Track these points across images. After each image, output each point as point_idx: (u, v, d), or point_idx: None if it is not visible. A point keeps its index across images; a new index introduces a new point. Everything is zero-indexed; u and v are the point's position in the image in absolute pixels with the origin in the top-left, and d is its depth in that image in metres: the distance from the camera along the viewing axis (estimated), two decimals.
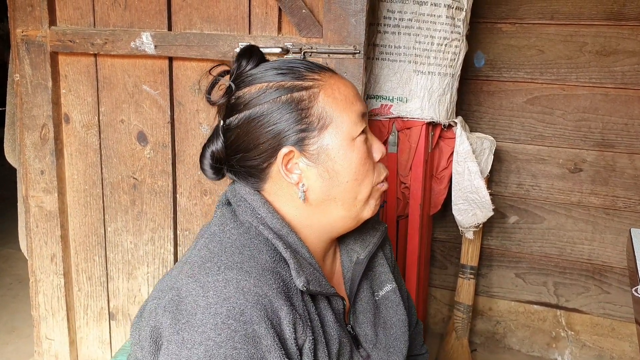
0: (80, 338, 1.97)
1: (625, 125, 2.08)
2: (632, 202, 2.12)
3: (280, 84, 0.87)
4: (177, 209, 1.77)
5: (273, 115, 0.86)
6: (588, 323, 2.28)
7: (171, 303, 0.79)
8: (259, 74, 0.88)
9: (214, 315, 0.75)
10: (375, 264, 1.05)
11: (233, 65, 0.91)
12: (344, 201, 0.90)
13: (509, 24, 2.14)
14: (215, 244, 0.85)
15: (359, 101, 0.91)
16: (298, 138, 0.86)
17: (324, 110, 0.87)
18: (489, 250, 2.36)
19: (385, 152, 0.94)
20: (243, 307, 0.76)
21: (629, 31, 2.00)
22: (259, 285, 0.78)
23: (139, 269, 1.85)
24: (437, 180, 2.00)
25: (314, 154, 0.87)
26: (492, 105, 2.22)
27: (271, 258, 0.83)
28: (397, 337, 1.02)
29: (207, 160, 0.92)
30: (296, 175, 0.88)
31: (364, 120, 0.90)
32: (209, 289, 0.77)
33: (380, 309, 1.03)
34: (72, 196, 1.86)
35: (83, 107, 1.79)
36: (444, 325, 2.46)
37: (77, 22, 1.72)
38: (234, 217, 0.90)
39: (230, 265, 0.80)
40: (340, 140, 0.87)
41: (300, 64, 0.89)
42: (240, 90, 0.89)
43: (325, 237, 0.94)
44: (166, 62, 1.68)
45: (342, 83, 0.90)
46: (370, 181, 0.91)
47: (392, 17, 1.76)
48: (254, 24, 1.59)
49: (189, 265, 0.83)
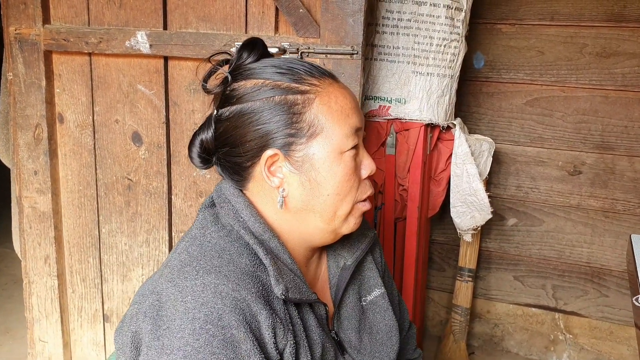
0: (74, 340, 1.95)
1: (625, 127, 2.06)
2: (632, 205, 2.11)
3: (277, 83, 0.85)
4: (172, 210, 1.75)
5: (264, 114, 0.84)
6: (586, 326, 2.26)
7: (151, 308, 0.78)
8: (258, 69, 0.86)
9: (192, 320, 0.74)
10: (364, 268, 1.04)
11: (234, 56, 0.89)
12: (322, 214, 0.88)
13: (509, 25, 2.12)
14: (195, 247, 0.84)
15: (356, 115, 0.88)
16: (285, 142, 0.84)
17: (316, 118, 0.84)
18: (487, 252, 2.34)
19: (374, 170, 0.91)
20: (221, 311, 0.75)
21: (630, 33, 1.99)
22: (237, 289, 0.77)
23: (134, 271, 1.83)
24: (435, 182, 1.98)
25: (298, 161, 0.85)
26: (492, 106, 2.20)
27: (251, 262, 0.82)
28: (384, 342, 1.01)
29: (196, 148, 0.90)
30: (278, 179, 0.86)
31: (357, 136, 0.88)
32: (187, 293, 0.76)
33: (367, 314, 1.01)
34: (66, 197, 1.84)
35: (77, 107, 1.77)
36: (442, 328, 2.44)
37: (72, 20, 1.70)
38: (216, 220, 0.88)
39: (208, 269, 0.79)
40: (328, 152, 0.85)
41: (301, 66, 0.87)
42: (237, 83, 0.87)
43: (305, 245, 0.93)
44: (161, 61, 1.66)
45: (341, 93, 0.88)
46: (352, 198, 0.88)
47: (390, 17, 1.74)
48: (251, 23, 1.57)
49: (169, 269, 0.82)
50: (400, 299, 1.19)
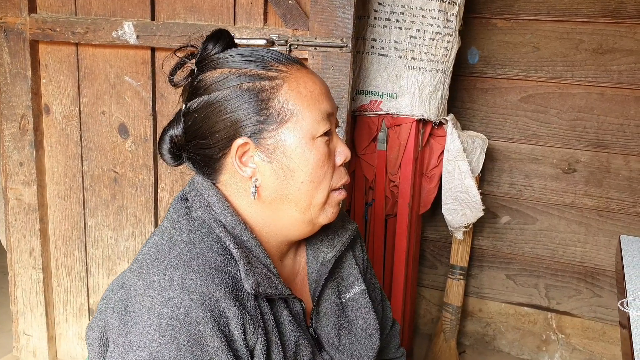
0: (59, 334, 1.92)
1: (620, 125, 2.03)
2: (626, 205, 2.08)
3: (243, 71, 0.83)
4: (159, 204, 1.72)
5: (231, 102, 0.82)
6: (579, 326, 2.24)
7: (120, 303, 0.76)
8: (224, 59, 0.85)
9: (158, 316, 0.72)
10: (344, 264, 1.01)
11: (200, 48, 0.88)
12: (297, 203, 0.86)
13: (504, 20, 2.09)
14: (165, 241, 0.82)
15: (327, 100, 0.87)
16: (255, 130, 0.82)
17: (285, 104, 0.82)
18: (479, 250, 2.31)
19: (349, 157, 0.89)
20: (188, 307, 0.73)
21: (626, 29, 1.96)
22: (205, 284, 0.75)
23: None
24: (427, 178, 1.95)
25: (270, 149, 0.83)
26: (486, 102, 2.17)
27: (221, 256, 0.80)
28: (363, 340, 0.99)
29: (166, 144, 0.88)
30: (250, 169, 0.84)
31: (329, 121, 0.86)
32: (154, 288, 0.75)
33: (346, 312, 0.99)
34: (52, 189, 1.82)
35: (64, 98, 1.74)
36: (433, 326, 2.42)
37: (58, 9, 1.67)
38: (187, 213, 0.86)
39: (176, 263, 0.77)
40: (299, 138, 0.83)
41: (269, 53, 0.85)
42: (203, 74, 0.85)
43: (281, 239, 0.91)
44: (149, 52, 1.63)
45: (310, 78, 0.86)
46: (327, 185, 0.86)
47: (383, 10, 1.71)
48: (239, 14, 1.55)
49: (138, 263, 0.81)
50: (384, 296, 1.16)
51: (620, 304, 1.04)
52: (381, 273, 1.98)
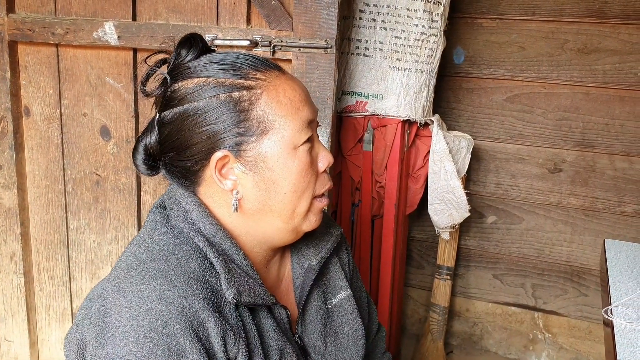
0: (41, 339, 1.90)
1: (605, 125, 2.04)
2: (612, 204, 2.09)
3: (220, 80, 0.80)
4: (142, 207, 1.70)
5: (209, 114, 0.79)
6: (565, 325, 2.25)
7: (97, 314, 0.74)
8: (199, 67, 0.81)
9: (136, 328, 0.71)
10: (329, 270, 1.00)
11: (172, 55, 0.84)
12: (280, 213, 0.84)
13: (490, 20, 2.09)
14: (143, 250, 0.80)
15: (307, 106, 0.84)
16: (235, 142, 0.80)
17: (265, 114, 0.80)
18: (466, 250, 2.31)
19: (331, 162, 0.87)
20: (166, 319, 0.71)
21: (610, 29, 1.96)
22: (183, 295, 0.73)
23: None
24: (413, 179, 1.94)
25: (250, 161, 0.80)
26: (472, 102, 2.17)
27: (200, 266, 0.78)
28: (349, 347, 0.98)
29: (140, 154, 0.85)
30: (231, 181, 0.82)
31: (310, 128, 0.84)
32: (132, 299, 0.73)
33: (332, 318, 0.98)
34: (33, 192, 1.79)
35: (44, 100, 1.71)
36: (421, 326, 2.42)
37: (37, 10, 1.64)
38: (166, 221, 0.84)
39: (154, 274, 0.75)
40: (281, 149, 0.81)
41: (244, 60, 0.82)
42: (177, 83, 0.81)
43: (264, 246, 0.89)
44: (130, 53, 1.61)
45: (289, 85, 0.83)
46: (310, 194, 0.85)
47: (367, 10, 1.70)
48: (222, 15, 1.53)
49: (115, 272, 0.79)
50: (370, 301, 1.15)
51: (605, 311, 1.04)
52: (368, 274, 1.97)
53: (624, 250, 1.33)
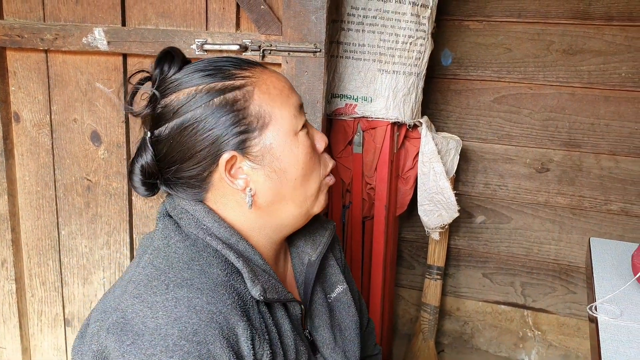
0: (34, 345, 1.89)
1: (591, 125, 2.07)
2: (598, 202, 2.12)
3: (210, 86, 0.81)
4: (133, 211, 1.70)
5: (207, 120, 0.80)
6: (554, 323, 2.27)
7: (116, 325, 0.73)
8: (185, 78, 0.82)
9: (164, 337, 0.70)
10: (326, 265, 1.02)
11: (154, 72, 0.85)
12: (294, 199, 0.86)
13: (476, 22, 2.11)
14: (161, 260, 0.79)
15: (294, 93, 0.87)
16: (239, 141, 0.81)
17: (261, 108, 0.82)
18: (456, 250, 2.33)
19: (327, 141, 0.91)
20: (196, 326, 0.70)
21: (595, 30, 1.99)
22: (212, 302, 0.73)
23: (95, 274, 1.79)
24: (403, 180, 1.96)
25: (258, 156, 0.82)
26: (459, 104, 2.19)
27: (223, 271, 0.78)
28: (352, 339, 1.00)
29: (137, 176, 0.85)
30: (242, 180, 0.83)
31: (302, 113, 0.87)
32: (158, 309, 0.72)
33: (334, 311, 1.00)
34: (24, 198, 1.78)
35: (34, 106, 1.71)
36: (412, 326, 2.44)
37: (26, 15, 1.64)
38: (178, 229, 0.84)
39: (179, 282, 0.75)
40: (284, 137, 0.83)
41: (227, 62, 0.84)
42: (167, 98, 0.82)
43: (276, 238, 0.90)
44: (120, 58, 1.61)
45: (275, 77, 0.86)
46: (318, 174, 0.88)
47: (356, 14, 1.71)
48: (211, 19, 1.53)
49: (133, 284, 0.77)
50: (360, 295, 1.18)
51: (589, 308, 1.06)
52: (359, 274, 1.98)
53: (608, 248, 1.35)
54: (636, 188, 2.07)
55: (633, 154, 2.05)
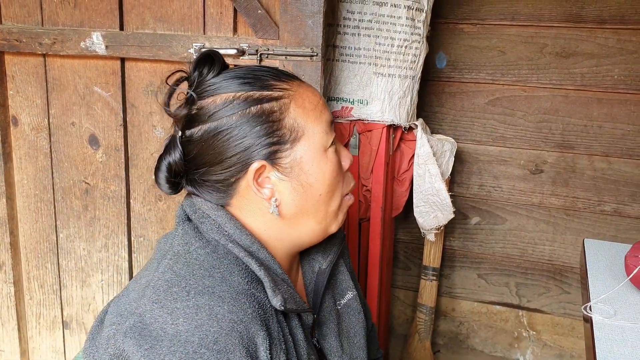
0: (32, 348, 1.90)
1: (584, 126, 2.09)
2: (592, 203, 2.14)
3: (249, 94, 0.81)
4: (131, 214, 1.71)
5: (242, 128, 0.80)
6: (549, 323, 2.30)
7: (133, 329, 0.72)
8: (224, 83, 0.83)
9: (184, 343, 0.69)
10: (337, 272, 1.03)
11: (193, 74, 0.85)
12: (316, 214, 0.86)
13: (471, 25, 2.13)
14: (181, 265, 0.79)
15: (327, 110, 0.88)
16: (270, 151, 0.81)
17: (295, 122, 0.82)
18: (451, 251, 2.35)
19: (352, 160, 0.91)
20: (217, 335, 0.70)
21: (587, 33, 2.01)
22: (234, 311, 0.73)
23: (93, 277, 1.80)
24: (398, 182, 1.98)
25: (287, 168, 0.83)
26: (454, 106, 2.21)
27: (244, 279, 0.79)
28: (360, 345, 1.01)
29: (163, 173, 0.85)
30: (268, 189, 0.83)
31: (332, 129, 0.87)
32: (178, 316, 0.72)
33: (342, 318, 1.00)
34: (22, 201, 1.79)
35: (32, 109, 1.72)
36: (408, 327, 2.45)
37: (24, 20, 1.65)
38: (199, 234, 0.84)
39: (200, 290, 0.75)
40: (314, 152, 0.83)
41: (267, 72, 0.85)
42: (203, 100, 0.82)
43: (293, 251, 0.91)
44: (118, 63, 1.63)
45: (311, 92, 0.87)
46: (340, 192, 0.88)
47: (351, 18, 1.73)
48: (209, 24, 1.55)
49: (152, 289, 0.77)
50: (364, 300, 1.19)
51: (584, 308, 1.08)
52: (356, 276, 2.00)
53: (602, 249, 1.37)
54: (629, 189, 2.09)
55: (626, 155, 2.07)
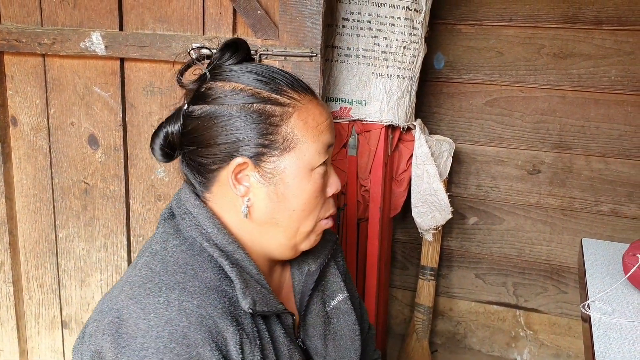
0: (31, 348, 1.90)
1: (581, 127, 2.10)
2: (588, 204, 2.15)
3: (257, 91, 0.82)
4: (130, 214, 1.72)
5: (239, 120, 0.81)
6: (546, 322, 2.31)
7: (111, 326, 0.75)
8: (238, 72, 0.84)
9: (156, 339, 0.72)
10: (327, 273, 1.03)
11: (215, 54, 0.86)
12: (286, 229, 0.87)
13: (469, 26, 2.14)
14: (157, 262, 0.81)
15: (330, 132, 0.87)
16: (257, 152, 0.82)
17: (292, 133, 0.83)
18: (449, 251, 2.36)
19: (339, 189, 0.91)
20: (186, 329, 0.73)
21: (585, 34, 2.03)
22: (202, 306, 0.75)
23: (92, 276, 1.80)
24: (397, 182, 1.99)
25: (268, 173, 0.83)
26: (452, 107, 2.22)
27: (216, 276, 0.80)
28: (347, 347, 1.01)
29: (160, 139, 0.87)
30: (244, 187, 0.84)
31: (327, 152, 0.87)
32: (149, 311, 0.74)
33: (331, 320, 1.01)
34: (21, 201, 1.79)
35: (31, 109, 1.72)
36: (406, 326, 2.46)
37: (23, 20, 1.66)
38: (177, 232, 0.85)
39: (172, 285, 0.77)
40: (299, 168, 0.84)
41: (284, 77, 0.85)
42: (214, 82, 0.84)
43: (266, 257, 0.92)
44: (117, 63, 1.63)
45: (319, 110, 0.86)
46: (315, 215, 0.88)
47: (350, 18, 1.74)
48: (208, 24, 1.55)
49: (129, 285, 0.79)
50: (361, 301, 1.19)
51: (582, 306, 1.09)
52: (354, 276, 2.01)
53: (600, 249, 1.38)
54: (625, 189, 2.11)
55: (623, 155, 2.09)
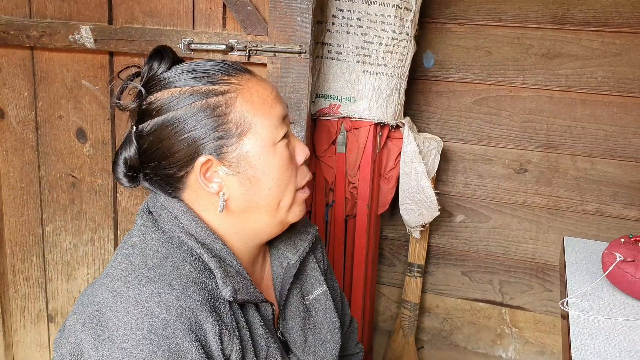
0: (16, 341, 1.90)
1: (568, 127, 2.12)
2: (574, 203, 2.18)
3: (195, 88, 0.83)
4: (118, 208, 1.72)
5: (188, 122, 0.82)
6: (531, 320, 2.33)
7: (91, 318, 0.76)
8: (172, 78, 0.84)
9: (135, 331, 0.72)
10: (306, 267, 1.04)
11: (144, 68, 0.86)
12: (267, 208, 0.88)
13: (458, 25, 2.15)
14: (136, 255, 0.82)
15: (279, 103, 0.88)
16: (216, 146, 0.83)
17: (242, 116, 0.83)
18: (436, 248, 2.38)
19: (308, 154, 0.92)
20: (165, 321, 0.73)
21: (573, 35, 2.04)
22: (182, 298, 0.76)
23: (79, 270, 1.79)
24: (385, 180, 2.00)
25: (233, 162, 0.84)
26: (441, 105, 2.23)
27: (195, 268, 0.81)
28: (327, 340, 1.02)
29: (121, 168, 0.87)
30: (216, 184, 0.85)
31: (285, 123, 0.88)
32: (129, 303, 0.75)
33: (310, 313, 1.02)
34: (8, 194, 1.79)
35: (19, 102, 1.72)
36: (393, 323, 2.48)
37: (12, 12, 1.65)
38: (156, 226, 0.86)
39: (151, 278, 0.77)
40: (261, 147, 0.84)
41: (216, 67, 0.86)
42: (152, 95, 0.84)
43: (252, 244, 0.92)
44: (107, 56, 1.63)
45: (261, 85, 0.87)
46: (293, 186, 0.89)
47: (340, 15, 1.74)
48: (198, 19, 1.55)
49: (109, 278, 0.80)
50: (343, 295, 1.20)
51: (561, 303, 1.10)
52: (341, 272, 2.02)
53: (581, 247, 1.40)
54: (611, 189, 2.13)
55: (608, 156, 2.11)
